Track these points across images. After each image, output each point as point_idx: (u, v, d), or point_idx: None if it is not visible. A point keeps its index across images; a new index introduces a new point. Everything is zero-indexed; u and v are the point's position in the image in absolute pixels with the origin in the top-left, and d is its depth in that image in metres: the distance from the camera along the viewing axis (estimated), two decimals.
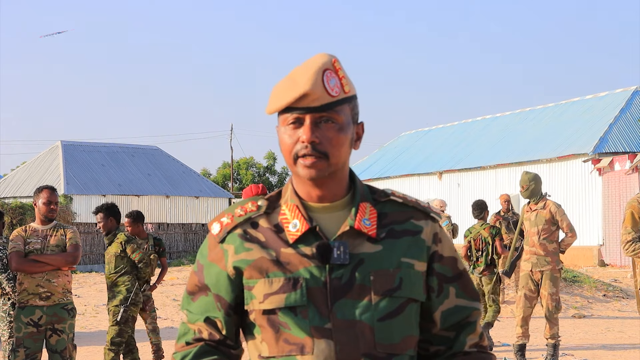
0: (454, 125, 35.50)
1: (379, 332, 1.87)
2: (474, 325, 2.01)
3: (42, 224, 6.28)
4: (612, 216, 23.16)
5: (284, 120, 1.88)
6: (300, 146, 1.86)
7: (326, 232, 1.90)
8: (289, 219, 1.91)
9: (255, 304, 1.89)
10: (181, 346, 1.97)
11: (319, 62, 1.86)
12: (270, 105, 1.89)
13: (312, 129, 1.85)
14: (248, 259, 1.90)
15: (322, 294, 1.86)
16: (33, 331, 6.12)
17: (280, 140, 1.90)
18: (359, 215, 1.90)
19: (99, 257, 30.90)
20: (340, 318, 1.85)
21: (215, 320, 1.94)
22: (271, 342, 1.88)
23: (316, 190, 1.91)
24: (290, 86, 1.85)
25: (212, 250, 1.96)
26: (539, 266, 8.89)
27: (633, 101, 26.82)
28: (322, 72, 1.85)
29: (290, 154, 1.88)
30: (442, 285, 1.97)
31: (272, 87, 1.93)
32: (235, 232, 1.93)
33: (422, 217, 1.97)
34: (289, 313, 1.86)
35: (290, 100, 1.84)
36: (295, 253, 1.88)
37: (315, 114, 1.86)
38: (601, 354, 9.81)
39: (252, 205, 1.96)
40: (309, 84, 1.83)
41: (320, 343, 1.85)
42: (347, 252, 1.87)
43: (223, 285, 1.93)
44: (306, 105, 1.85)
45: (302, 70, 1.86)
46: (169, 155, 39.00)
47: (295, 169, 1.89)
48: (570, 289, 15.57)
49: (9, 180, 36.85)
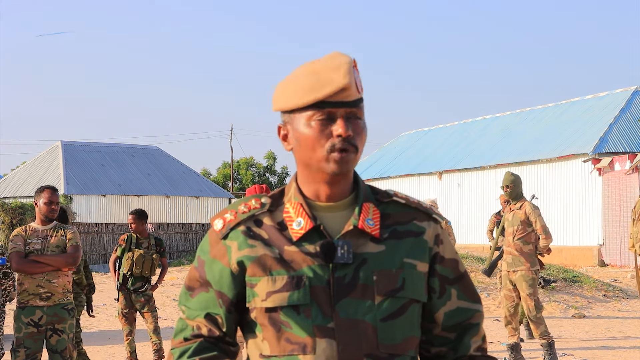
0: (454, 125, 35.50)
1: (381, 332, 1.86)
2: (477, 327, 2.00)
3: (42, 224, 6.27)
4: (612, 216, 23.15)
5: (309, 115, 1.85)
6: (335, 140, 1.84)
7: (330, 231, 1.89)
8: (292, 217, 1.90)
9: (257, 302, 1.88)
10: (179, 342, 1.95)
11: (346, 59, 1.85)
12: (295, 99, 1.86)
13: (347, 124, 1.85)
14: (251, 256, 1.89)
15: (326, 293, 1.85)
16: (33, 331, 6.12)
17: (304, 136, 1.87)
18: (363, 215, 1.90)
19: (99, 257, 30.91)
20: (343, 317, 1.84)
21: (215, 317, 1.93)
22: (272, 341, 1.87)
23: (328, 188, 1.91)
24: (322, 80, 1.83)
25: (214, 247, 1.94)
26: (513, 266, 8.98)
27: (633, 101, 26.81)
28: (352, 68, 1.84)
29: (322, 149, 1.85)
30: (444, 286, 1.97)
31: (281, 82, 1.91)
32: (238, 228, 1.92)
33: (424, 218, 1.97)
34: (292, 312, 1.85)
35: (327, 94, 1.81)
36: (298, 251, 1.87)
37: (347, 109, 1.85)
38: (601, 354, 9.81)
39: (256, 202, 1.94)
40: (347, 79, 1.81)
41: (323, 342, 1.84)
42: (351, 252, 1.87)
43: (226, 282, 1.92)
44: (341, 100, 1.83)
45: (331, 67, 1.84)
46: (169, 155, 38.98)
47: (323, 164, 1.86)
48: (570, 289, 15.57)
49: (9, 180, 36.84)
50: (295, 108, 1.87)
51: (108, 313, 14.70)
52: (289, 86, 1.88)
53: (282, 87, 1.90)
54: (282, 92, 1.89)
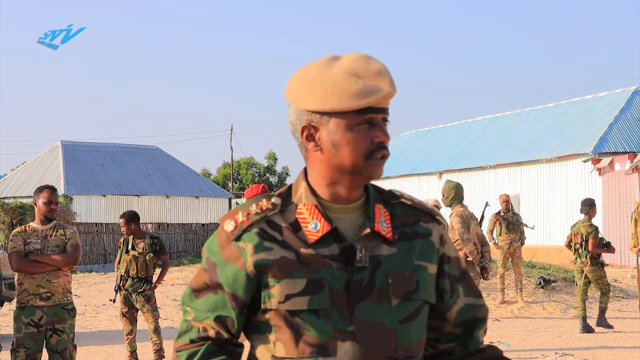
0: (454, 125, 35.49)
1: (400, 334, 1.87)
2: (484, 321, 2.04)
3: (41, 223, 6.27)
4: (612, 216, 23.15)
5: (353, 119, 1.84)
6: (375, 146, 1.86)
7: (344, 233, 1.88)
8: (307, 219, 1.88)
9: (273, 304, 1.85)
10: (184, 344, 1.91)
11: (383, 66, 1.87)
12: (342, 102, 1.83)
13: (385, 130, 1.88)
14: (270, 258, 1.86)
15: (344, 296, 1.84)
16: (33, 331, 6.12)
17: (345, 139, 1.85)
18: (377, 218, 1.90)
19: (99, 257, 30.90)
20: (362, 320, 1.84)
21: (225, 319, 1.90)
22: (289, 343, 1.85)
23: (351, 191, 1.91)
24: (370, 87, 1.83)
25: (225, 248, 1.90)
26: None
27: (633, 101, 26.79)
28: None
29: (362, 154, 1.86)
30: (454, 285, 2.00)
31: (308, 81, 1.86)
32: (252, 230, 1.88)
33: (429, 219, 1.98)
34: (311, 315, 1.84)
35: (377, 101, 1.83)
36: (316, 254, 1.86)
37: (384, 114, 1.88)
38: (601, 354, 9.81)
39: (267, 202, 1.91)
40: (392, 87, 1.85)
41: (345, 345, 1.83)
42: (367, 254, 1.87)
43: (240, 284, 1.88)
44: (382, 107, 1.86)
45: (373, 71, 1.85)
46: (169, 155, 38.96)
47: (362, 168, 1.86)
48: (570, 289, 15.56)
49: (9, 180, 36.82)
50: (335, 111, 1.85)
51: (108, 313, 14.69)
52: (327, 86, 1.84)
53: (312, 85, 1.86)
54: (314, 91, 1.86)
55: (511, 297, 14.65)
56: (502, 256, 14.11)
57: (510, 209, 14.40)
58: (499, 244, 14.22)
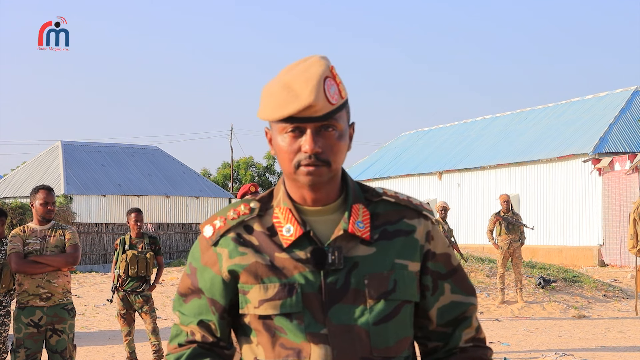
0: (454, 125, 35.50)
1: (374, 336, 1.86)
2: (469, 320, 1.99)
3: (40, 224, 6.25)
4: (612, 216, 23.14)
5: (281, 128, 1.84)
6: (302, 156, 1.82)
7: (320, 235, 1.88)
8: (282, 222, 1.88)
9: (250, 309, 1.88)
10: (174, 348, 1.97)
11: (319, 71, 1.81)
12: (267, 112, 1.84)
13: (315, 139, 1.81)
14: (243, 264, 1.88)
15: (318, 300, 1.84)
16: (33, 332, 6.11)
17: (278, 147, 1.86)
18: (353, 218, 1.88)
19: (98, 257, 30.88)
20: (335, 323, 1.84)
21: (208, 324, 1.93)
22: (267, 346, 1.87)
23: (312, 194, 1.88)
24: (290, 96, 1.80)
25: (205, 254, 1.93)
26: None
27: (633, 101, 26.80)
28: (323, 81, 1.80)
29: (291, 163, 1.84)
30: (437, 282, 1.96)
31: (264, 88, 1.88)
32: (228, 235, 1.91)
33: (414, 215, 1.95)
34: (285, 319, 1.85)
35: (292, 112, 1.79)
36: (289, 258, 1.86)
37: (317, 124, 1.82)
38: (601, 354, 9.80)
39: (245, 208, 1.93)
40: (313, 96, 1.78)
41: (318, 348, 1.83)
42: (342, 256, 1.85)
43: (217, 290, 1.91)
44: (308, 116, 1.80)
45: (302, 80, 1.80)
46: (169, 155, 38.99)
47: (295, 176, 1.85)
48: (570, 289, 15.56)
49: (9, 180, 36.83)
50: (271, 120, 1.86)
51: (108, 313, 14.69)
52: (265, 97, 1.86)
53: (262, 95, 1.88)
54: (261, 100, 1.88)
55: (511, 297, 14.64)
56: (502, 256, 14.11)
57: (510, 209, 14.40)
58: (498, 244, 14.21)
